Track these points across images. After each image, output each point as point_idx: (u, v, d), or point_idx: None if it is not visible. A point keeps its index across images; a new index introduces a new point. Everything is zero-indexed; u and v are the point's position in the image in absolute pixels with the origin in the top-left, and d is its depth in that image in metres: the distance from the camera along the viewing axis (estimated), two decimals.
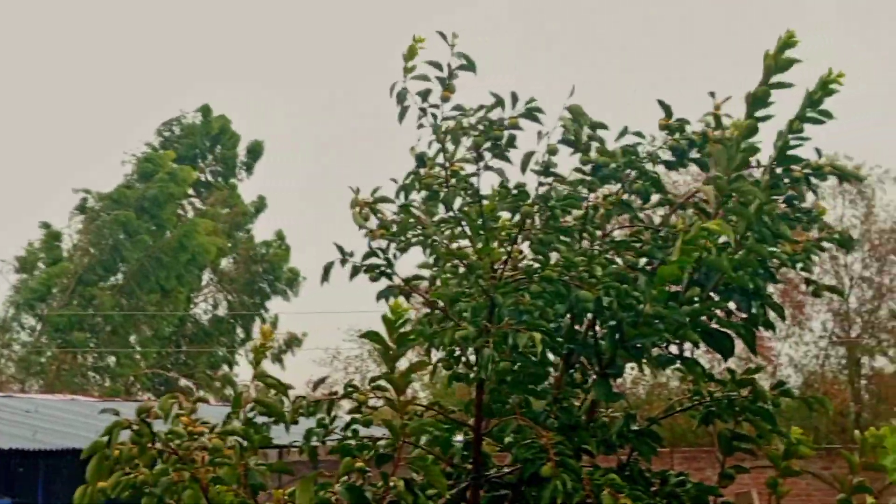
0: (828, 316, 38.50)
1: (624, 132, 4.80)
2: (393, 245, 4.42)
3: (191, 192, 52.18)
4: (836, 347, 38.67)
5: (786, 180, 4.61)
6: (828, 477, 4.22)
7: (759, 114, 4.39)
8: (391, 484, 4.05)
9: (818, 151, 4.58)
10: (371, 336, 4.18)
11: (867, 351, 38.42)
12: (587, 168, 4.76)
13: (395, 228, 4.40)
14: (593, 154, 4.80)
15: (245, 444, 3.99)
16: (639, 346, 4.06)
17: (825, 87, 4.27)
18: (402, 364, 4.26)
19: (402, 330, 4.17)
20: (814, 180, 4.59)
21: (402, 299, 4.29)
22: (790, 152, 4.41)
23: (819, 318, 38.62)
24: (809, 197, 4.64)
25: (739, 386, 4.30)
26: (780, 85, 4.28)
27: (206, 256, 48.61)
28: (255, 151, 53.36)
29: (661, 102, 4.74)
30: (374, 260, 4.37)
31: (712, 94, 4.71)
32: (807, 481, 21.58)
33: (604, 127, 4.85)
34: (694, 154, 4.77)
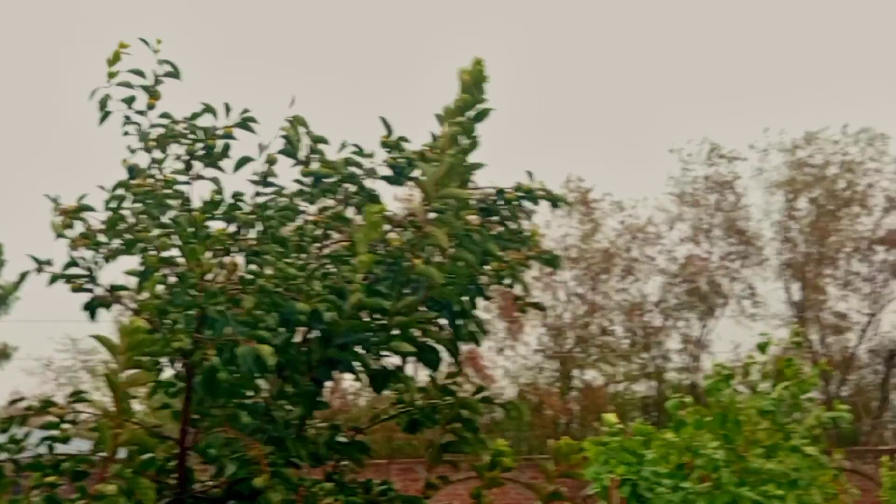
0: (543, 330, 40.21)
1: (343, 146, 4.84)
2: (98, 254, 4.27)
3: None
4: (550, 360, 40.37)
5: (500, 202, 4.78)
6: (534, 485, 4.38)
7: (467, 140, 4.52)
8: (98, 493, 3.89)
9: (530, 174, 4.79)
10: (102, 340, 4.02)
11: (579, 364, 40.33)
12: (308, 180, 4.77)
13: (101, 237, 4.26)
14: (315, 166, 4.81)
15: None
16: (346, 360, 4.10)
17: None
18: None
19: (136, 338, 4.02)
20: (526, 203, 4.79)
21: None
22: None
23: (535, 332, 40.29)
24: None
25: (444, 394, 4.41)
26: (476, 100, 4.43)
27: None
28: None
29: (382, 119, 4.81)
30: (75, 269, 4.21)
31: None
32: (517, 491, 22.35)
33: (324, 141, 4.87)
34: (414, 172, 4.86)
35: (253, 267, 4.40)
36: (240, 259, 4.51)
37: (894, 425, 40.91)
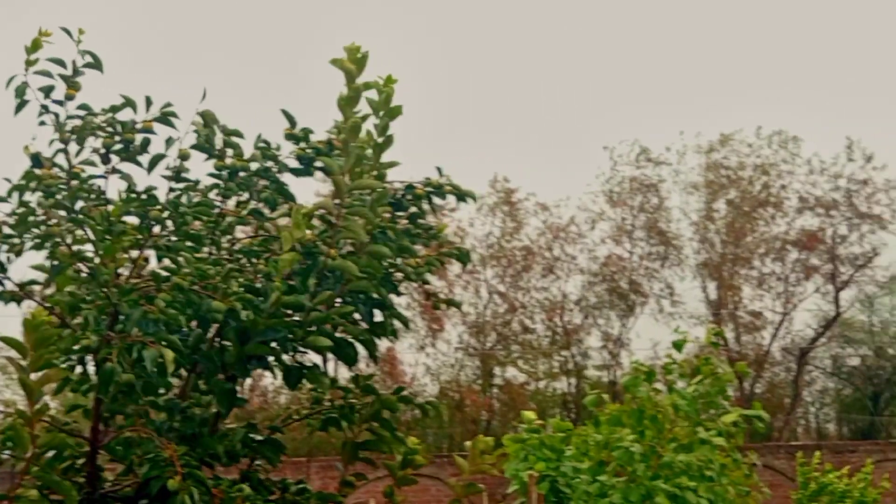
0: (464, 328, 40.35)
1: (259, 140, 4.79)
2: (4, 248, 4.17)
3: None
4: (471, 358, 40.51)
5: (409, 197, 4.77)
6: (450, 481, 4.38)
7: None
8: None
9: (439, 170, 4.78)
10: (8, 341, 3.92)
11: (500, 362, 40.52)
12: (223, 174, 4.71)
13: (6, 230, 4.16)
14: (230, 160, 4.75)
15: None
16: (262, 355, 4.06)
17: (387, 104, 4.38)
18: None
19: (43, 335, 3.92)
20: (435, 198, 4.78)
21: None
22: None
23: (456, 329, 40.42)
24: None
25: (364, 393, 4.39)
26: (367, 86, 4.41)
27: None
28: None
29: (284, 112, 4.74)
30: None
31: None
32: (437, 488, 22.40)
33: (239, 134, 4.82)
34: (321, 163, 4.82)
35: (167, 263, 4.32)
36: (150, 254, 4.43)
37: (806, 421, 41.80)
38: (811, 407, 43.43)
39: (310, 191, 24.96)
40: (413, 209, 4.71)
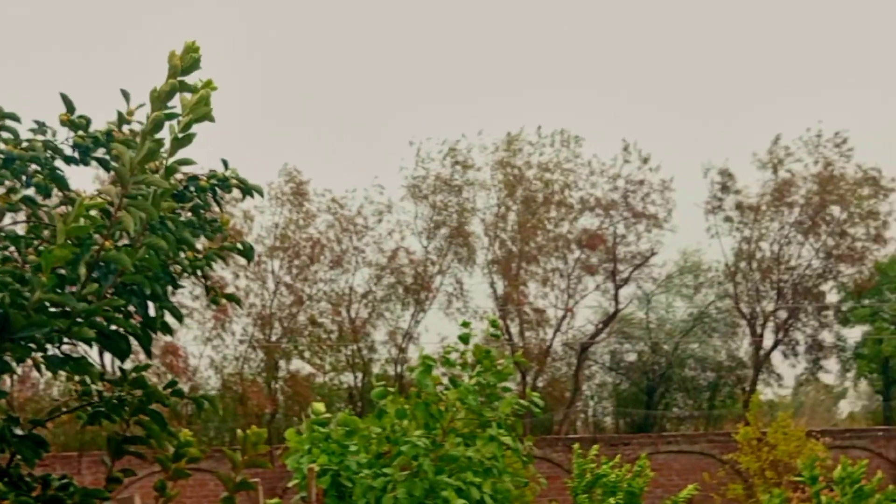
0: (249, 320, 39.87)
1: (39, 126, 4.61)
2: None
3: None
4: (256, 350, 40.07)
5: (192, 189, 4.69)
6: (221, 474, 4.32)
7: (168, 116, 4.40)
8: None
9: (225, 163, 4.71)
10: None
11: (285, 354, 40.23)
12: None
13: None
14: (3, 146, 4.56)
15: None
16: (26, 342, 3.89)
17: (202, 100, 4.34)
18: None
19: None
20: (220, 191, 4.71)
21: None
22: (182, 154, 4.43)
23: (241, 321, 39.90)
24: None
25: (133, 386, 4.27)
26: (185, 86, 4.33)
27: None
28: None
29: (63, 96, 4.58)
30: None
31: (125, 93, 4.65)
32: (216, 482, 22.06)
33: (14, 118, 4.62)
34: (100, 153, 4.68)
35: None
36: None
37: (585, 415, 43.27)
38: (590, 401, 44.97)
39: (88, 179, 24.17)
40: (197, 201, 4.62)
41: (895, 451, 33.67)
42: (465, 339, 12.74)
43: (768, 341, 42.31)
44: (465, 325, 12.98)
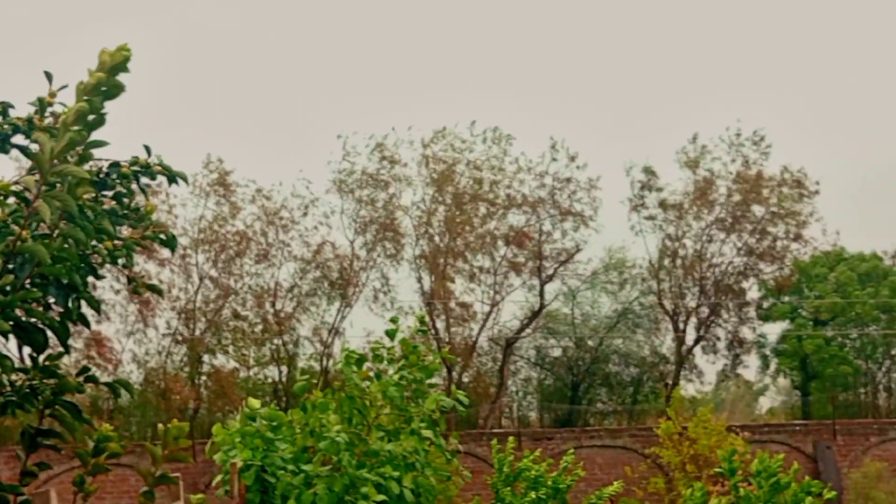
0: (173, 314, 39.43)
1: None
2: None
3: None
4: (180, 345, 39.63)
5: (114, 176, 4.61)
6: (140, 468, 4.25)
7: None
8: None
9: (147, 149, 4.64)
10: None
11: (209, 349, 39.83)
12: None
13: None
14: None
15: None
16: None
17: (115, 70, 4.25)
18: None
19: None
20: (144, 179, 4.64)
21: None
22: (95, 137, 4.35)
23: (165, 315, 39.44)
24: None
25: (44, 374, 4.18)
26: (114, 83, 4.26)
27: None
28: None
29: None
30: None
31: (48, 75, 4.56)
32: (137, 478, 21.81)
33: None
34: (20, 140, 4.59)
35: None
36: None
37: (510, 410, 43.48)
38: (515, 396, 45.19)
39: (11, 168, 23.69)
40: (119, 189, 4.54)
41: (812, 446, 34.36)
42: (391, 334, 12.74)
43: (691, 337, 42.93)
44: (394, 321, 12.98)
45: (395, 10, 62.11)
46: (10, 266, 4.14)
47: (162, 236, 4.76)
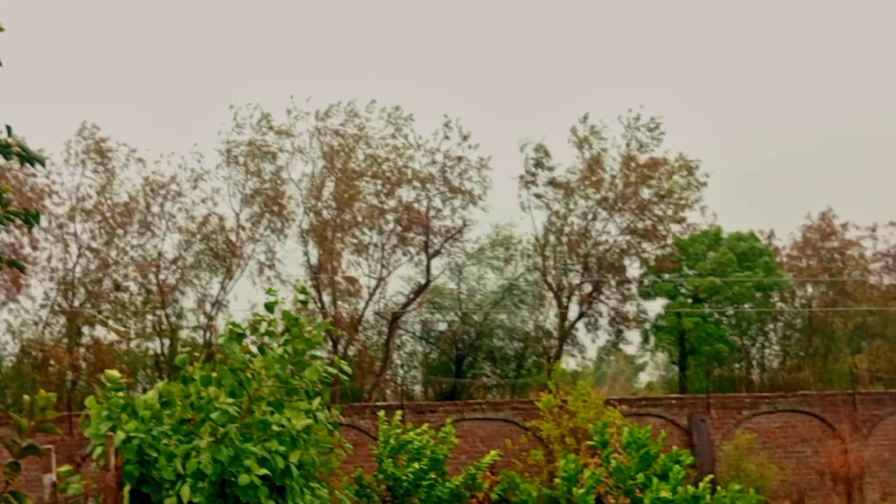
0: (52, 285, 38.59)
1: None
2: None
3: None
4: (57, 316, 38.80)
5: None
6: (6, 439, 4.22)
7: None
8: None
9: (9, 129, 4.59)
10: None
11: (89, 321, 39.07)
12: None
13: None
14: None
15: None
16: None
17: None
18: None
19: None
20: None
21: None
22: None
23: (43, 286, 38.56)
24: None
25: None
26: None
27: None
28: None
29: None
30: None
31: None
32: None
33: None
34: None
35: None
36: None
37: (395, 384, 43.61)
38: (400, 369, 45.35)
39: None
40: None
41: (687, 419, 35.29)
42: (270, 307, 12.67)
43: (573, 313, 43.61)
44: (271, 292, 12.91)
45: None
46: None
47: (22, 213, 4.72)
